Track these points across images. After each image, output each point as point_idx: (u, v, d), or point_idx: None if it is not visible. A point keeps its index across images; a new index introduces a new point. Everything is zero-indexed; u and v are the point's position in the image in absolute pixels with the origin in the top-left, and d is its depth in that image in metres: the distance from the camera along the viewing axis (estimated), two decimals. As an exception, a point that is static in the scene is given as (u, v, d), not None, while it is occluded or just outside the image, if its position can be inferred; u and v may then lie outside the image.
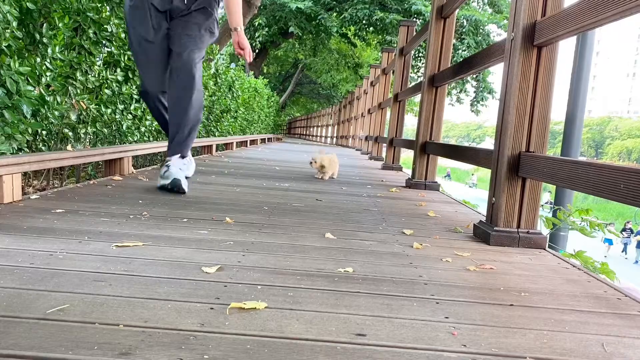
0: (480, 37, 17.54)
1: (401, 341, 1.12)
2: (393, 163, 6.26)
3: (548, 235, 2.43)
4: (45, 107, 3.16)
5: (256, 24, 15.46)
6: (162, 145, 4.73)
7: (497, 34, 18.75)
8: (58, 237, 1.79)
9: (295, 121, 41.11)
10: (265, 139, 13.34)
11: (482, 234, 2.29)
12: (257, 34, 16.16)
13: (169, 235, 1.93)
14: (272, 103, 16.11)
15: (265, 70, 25.26)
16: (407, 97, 5.87)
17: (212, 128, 7.40)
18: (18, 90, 2.80)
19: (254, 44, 16.77)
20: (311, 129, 31.08)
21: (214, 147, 6.69)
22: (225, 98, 7.95)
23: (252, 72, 12.50)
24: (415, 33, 6.32)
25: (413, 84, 5.69)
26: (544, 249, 2.20)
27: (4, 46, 2.85)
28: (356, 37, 17.59)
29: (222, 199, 2.94)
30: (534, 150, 2.22)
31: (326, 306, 1.30)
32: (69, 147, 3.42)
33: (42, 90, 3.16)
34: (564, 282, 1.71)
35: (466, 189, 36.79)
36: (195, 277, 1.46)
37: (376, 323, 1.22)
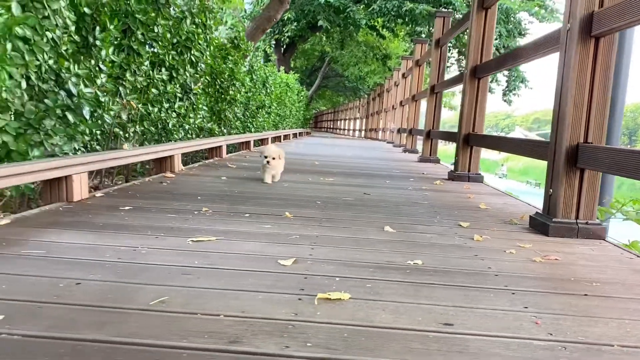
0: (511, 25, 17.23)
1: (488, 330, 1.16)
2: (430, 155, 6.25)
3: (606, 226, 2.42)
4: (101, 107, 3.27)
5: (285, 18, 15.51)
6: (207, 142, 4.84)
7: (528, 21, 18.39)
8: (134, 233, 1.87)
9: (321, 115, 41.10)
10: (296, 133, 13.42)
11: (540, 225, 2.30)
12: (285, 29, 16.25)
13: (237, 230, 2.00)
14: (301, 97, 16.18)
15: (292, 65, 25.33)
16: (444, 89, 5.85)
17: (249, 124, 7.50)
18: (79, 92, 2.91)
19: (282, 39, 16.87)
20: (338, 123, 31.07)
21: (252, 143, 6.79)
22: (259, 94, 8.04)
23: (282, 67, 12.58)
24: (451, 24, 6.28)
25: (451, 75, 5.67)
26: (604, 240, 2.20)
27: (63, 50, 2.97)
28: (384, 29, 17.49)
29: (274, 194, 3.01)
30: (593, 141, 2.21)
31: (407, 297, 1.35)
32: (125, 146, 3.54)
33: (97, 91, 3.28)
34: (632, 272, 1.72)
35: (496, 180, 36.26)
36: (274, 270, 1.52)
37: (459, 313, 1.26)
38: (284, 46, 17.66)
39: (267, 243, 1.83)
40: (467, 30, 4.44)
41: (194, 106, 5.07)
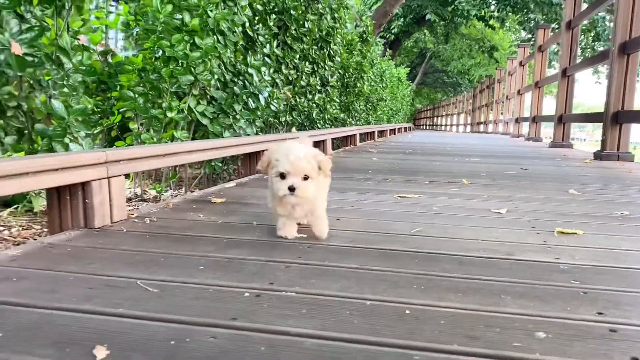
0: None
1: None
2: (563, 140, 6.07)
3: None
4: (269, 96, 3.63)
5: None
6: (346, 131, 5.12)
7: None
8: (344, 191, 2.12)
9: (418, 112, 40.36)
10: (406, 127, 13.50)
11: None
12: (392, 25, 16.38)
13: (428, 191, 2.19)
14: (409, 92, 16.23)
15: (394, 62, 25.31)
16: (579, 70, 5.68)
17: (369, 116, 7.73)
18: (259, 80, 3.26)
19: (387, 36, 17.00)
20: (437, 119, 30.49)
21: (376, 134, 7.01)
22: (378, 87, 8.25)
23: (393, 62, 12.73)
24: (582, 6, 6.08)
25: (588, 56, 5.49)
26: None
27: (241, 45, 3.34)
28: (492, 19, 16.99)
29: (434, 169, 3.17)
30: None
31: (637, 234, 1.45)
32: (293, 130, 3.89)
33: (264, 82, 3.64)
34: None
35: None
36: (494, 216, 1.68)
37: (698, 245, 1.35)
38: (389, 43, 17.77)
39: (467, 199, 2.00)
40: (613, 6, 4.32)
41: (330, 98, 5.37)
